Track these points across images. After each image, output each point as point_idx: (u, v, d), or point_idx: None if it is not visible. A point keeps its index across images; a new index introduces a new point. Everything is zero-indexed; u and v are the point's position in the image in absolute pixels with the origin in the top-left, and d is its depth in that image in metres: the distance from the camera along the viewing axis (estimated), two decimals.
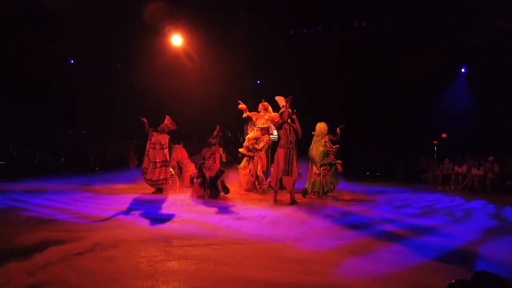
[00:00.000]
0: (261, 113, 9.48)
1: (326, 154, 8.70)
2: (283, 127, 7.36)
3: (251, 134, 9.53)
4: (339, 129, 9.22)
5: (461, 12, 13.20)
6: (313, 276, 3.19)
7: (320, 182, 8.46)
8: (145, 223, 5.10)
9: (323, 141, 8.87)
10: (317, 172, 8.68)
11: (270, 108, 9.50)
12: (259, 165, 9.20)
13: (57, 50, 15.47)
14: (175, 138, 9.88)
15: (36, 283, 2.80)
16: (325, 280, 3.11)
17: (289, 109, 7.37)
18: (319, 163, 8.70)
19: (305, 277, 3.16)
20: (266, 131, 9.35)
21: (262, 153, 9.30)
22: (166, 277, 3.02)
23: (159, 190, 8.44)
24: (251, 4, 14.22)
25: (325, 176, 8.55)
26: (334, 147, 8.76)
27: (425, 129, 16.84)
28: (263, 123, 9.34)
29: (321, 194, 8.43)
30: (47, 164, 16.13)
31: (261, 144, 9.22)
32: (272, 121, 9.26)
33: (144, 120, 8.66)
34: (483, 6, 12.44)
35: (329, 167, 8.59)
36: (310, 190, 8.68)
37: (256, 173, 9.18)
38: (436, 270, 3.42)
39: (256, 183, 9.20)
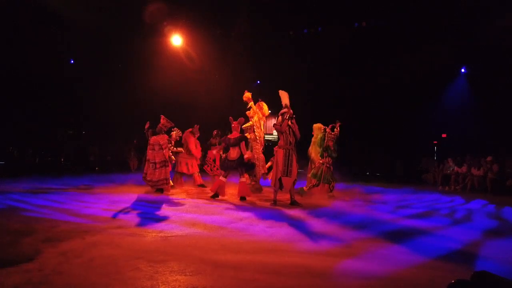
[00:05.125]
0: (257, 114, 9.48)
1: (323, 140, 8.78)
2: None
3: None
4: (338, 125, 9.21)
5: (462, 12, 13.20)
6: (313, 276, 3.19)
7: (323, 171, 8.50)
8: (145, 223, 5.09)
9: (322, 130, 8.96)
10: (321, 161, 8.73)
11: (261, 107, 9.47)
12: None
13: (57, 51, 15.49)
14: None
15: (37, 284, 2.80)
16: (324, 280, 3.10)
17: (291, 111, 7.37)
18: (320, 150, 8.79)
19: (305, 277, 3.16)
20: (251, 129, 9.37)
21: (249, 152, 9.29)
22: (166, 277, 3.02)
23: (160, 190, 8.44)
24: (251, 5, 14.24)
25: (328, 166, 8.58)
26: (333, 133, 8.80)
27: (425, 129, 16.85)
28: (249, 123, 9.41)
29: (321, 183, 8.51)
30: (47, 164, 16.15)
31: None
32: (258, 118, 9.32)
33: (147, 125, 8.72)
34: (484, 6, 12.44)
35: (330, 158, 8.64)
36: (313, 180, 8.73)
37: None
38: (436, 270, 3.42)
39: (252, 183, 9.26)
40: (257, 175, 9.29)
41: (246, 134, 9.37)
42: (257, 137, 9.26)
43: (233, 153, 7.96)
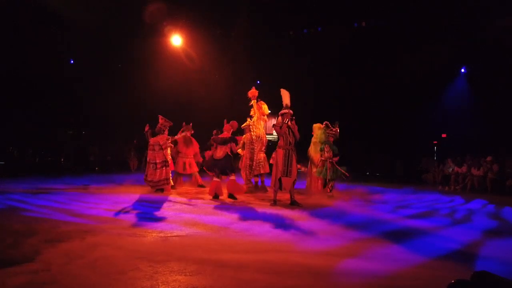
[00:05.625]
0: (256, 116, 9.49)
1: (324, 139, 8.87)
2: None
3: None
4: (337, 126, 9.25)
5: (462, 12, 13.21)
6: (313, 275, 3.19)
7: (328, 167, 8.59)
8: (145, 223, 5.09)
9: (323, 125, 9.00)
10: (323, 158, 8.76)
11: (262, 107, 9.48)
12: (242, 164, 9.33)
13: (57, 51, 15.48)
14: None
15: (37, 284, 2.80)
16: (324, 280, 3.11)
17: (291, 111, 7.38)
18: (320, 145, 8.86)
19: (305, 277, 3.16)
20: (248, 129, 9.42)
21: (245, 151, 9.37)
22: (166, 277, 3.02)
23: (160, 190, 8.46)
24: (251, 5, 14.24)
25: (332, 162, 8.63)
26: (334, 129, 8.82)
27: (425, 129, 16.86)
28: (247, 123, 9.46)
29: (330, 179, 8.63)
30: (47, 164, 16.15)
31: (240, 144, 9.42)
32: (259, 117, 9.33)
33: (147, 128, 8.75)
34: (484, 6, 12.45)
35: (333, 153, 8.71)
36: (320, 178, 8.81)
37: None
38: (436, 270, 3.42)
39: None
40: (248, 176, 9.29)
41: (244, 136, 9.39)
42: (254, 137, 9.24)
43: (219, 152, 7.91)
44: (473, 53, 14.72)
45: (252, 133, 9.25)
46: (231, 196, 7.76)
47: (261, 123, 9.39)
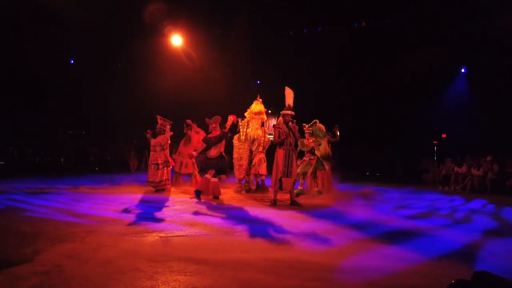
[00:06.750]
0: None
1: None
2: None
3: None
4: (337, 129, 9.26)
5: (462, 12, 13.21)
6: (313, 275, 3.19)
7: (310, 164, 8.76)
8: (145, 223, 5.09)
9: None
10: (305, 158, 8.91)
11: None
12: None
13: (57, 51, 15.48)
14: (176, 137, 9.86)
15: (37, 285, 2.80)
16: (324, 280, 3.11)
17: (293, 113, 7.37)
18: (303, 148, 8.97)
19: (305, 277, 3.16)
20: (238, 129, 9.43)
21: (234, 152, 9.38)
22: (166, 277, 3.02)
23: (161, 190, 8.48)
24: (251, 5, 14.24)
25: (307, 160, 8.84)
26: (308, 125, 8.93)
27: (425, 129, 16.86)
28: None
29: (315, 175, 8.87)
30: (47, 164, 16.16)
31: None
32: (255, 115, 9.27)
33: (149, 132, 8.76)
34: (484, 6, 12.45)
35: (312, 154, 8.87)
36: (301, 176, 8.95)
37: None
38: (435, 270, 3.42)
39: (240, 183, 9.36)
40: (239, 176, 9.28)
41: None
42: (242, 137, 9.20)
43: (213, 151, 7.83)
44: (473, 53, 14.72)
45: (241, 134, 9.23)
46: (197, 192, 7.39)
47: (255, 123, 9.16)
